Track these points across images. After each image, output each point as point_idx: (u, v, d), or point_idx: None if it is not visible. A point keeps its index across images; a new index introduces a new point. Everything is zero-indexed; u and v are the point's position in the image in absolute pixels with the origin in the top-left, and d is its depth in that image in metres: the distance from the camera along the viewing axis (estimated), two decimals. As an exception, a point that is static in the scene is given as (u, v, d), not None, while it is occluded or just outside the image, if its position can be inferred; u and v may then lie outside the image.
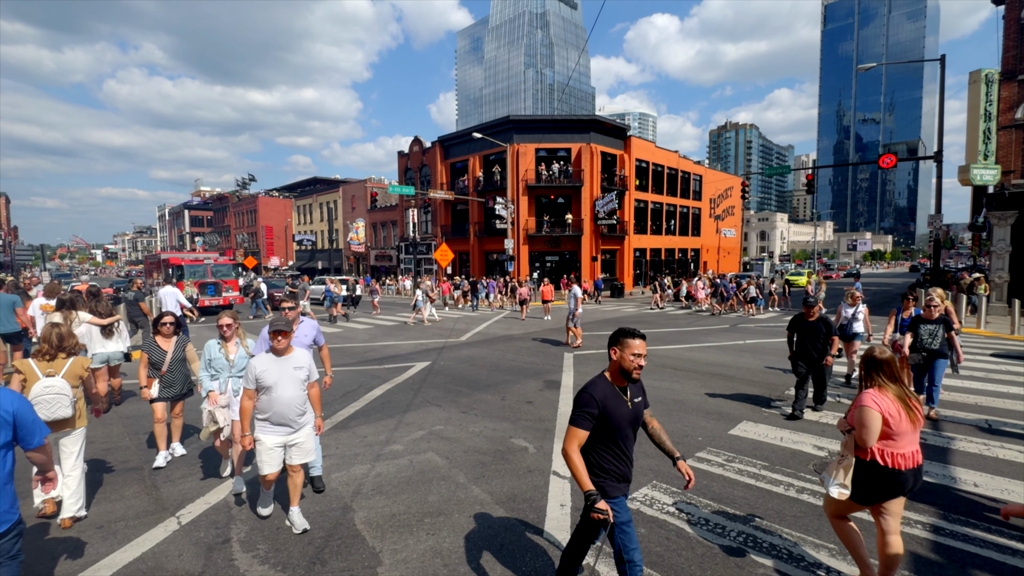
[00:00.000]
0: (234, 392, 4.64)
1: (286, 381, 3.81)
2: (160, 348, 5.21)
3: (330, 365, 5.46)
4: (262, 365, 3.80)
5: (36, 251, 66.78)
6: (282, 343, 3.83)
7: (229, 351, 4.74)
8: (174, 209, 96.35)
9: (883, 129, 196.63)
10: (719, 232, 48.70)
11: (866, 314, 8.69)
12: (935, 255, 19.45)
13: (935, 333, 6.53)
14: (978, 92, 18.19)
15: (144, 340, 4.31)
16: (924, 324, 6.59)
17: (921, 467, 3.05)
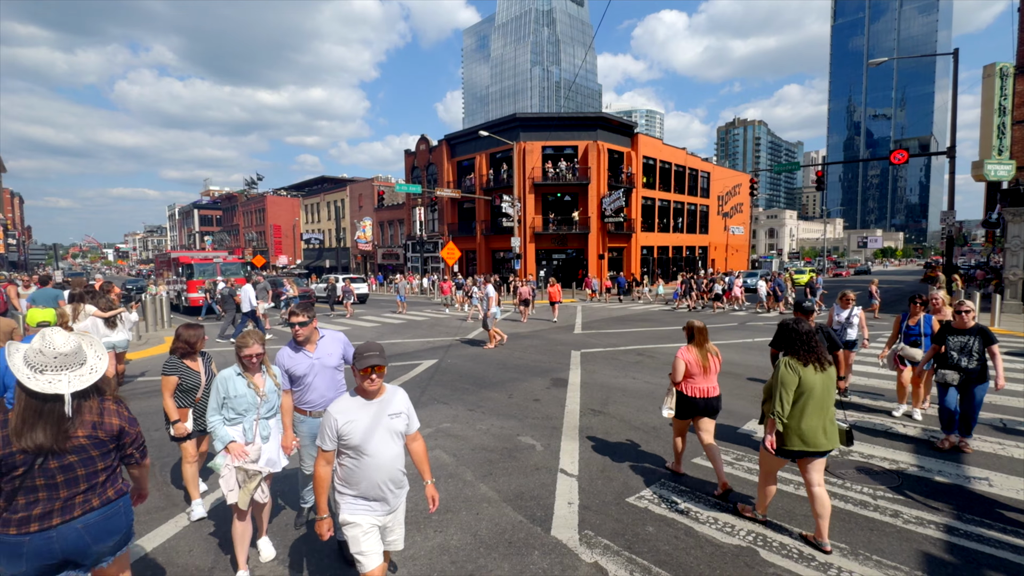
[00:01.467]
0: (264, 438, 3.47)
1: (382, 436, 2.63)
2: (193, 371, 4.20)
3: None
4: (346, 412, 2.60)
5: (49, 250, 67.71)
6: (375, 383, 2.62)
7: (256, 383, 3.49)
8: (184, 208, 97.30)
9: (894, 125, 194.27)
10: (727, 229, 48.36)
11: (862, 318, 7.53)
12: (948, 252, 19.17)
13: (969, 347, 5.16)
14: (992, 86, 17.89)
15: (168, 362, 3.99)
16: (954, 335, 5.30)
17: (713, 399, 4.55)
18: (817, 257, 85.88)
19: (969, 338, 5.21)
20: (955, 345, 5.26)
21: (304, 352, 3.76)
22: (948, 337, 5.35)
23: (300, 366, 3.72)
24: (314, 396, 3.74)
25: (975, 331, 5.21)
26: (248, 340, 3.42)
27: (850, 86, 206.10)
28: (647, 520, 4.05)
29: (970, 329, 5.24)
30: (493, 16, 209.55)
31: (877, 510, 4.16)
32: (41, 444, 2.06)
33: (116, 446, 2.31)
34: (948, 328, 5.41)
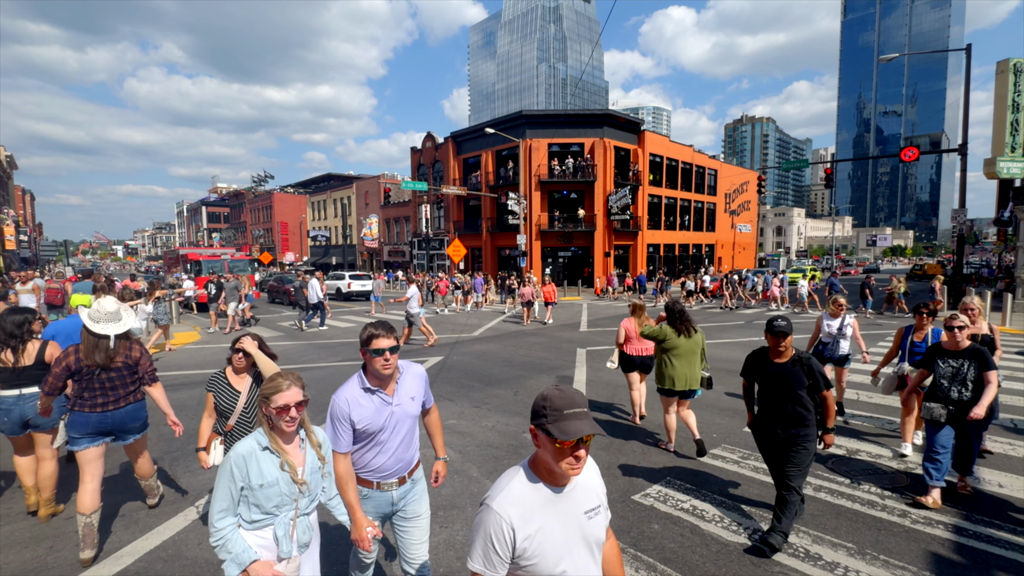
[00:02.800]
0: (303, 547, 2.30)
1: (578, 548, 1.58)
2: (231, 387, 3.41)
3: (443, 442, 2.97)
4: (529, 520, 1.52)
5: (60, 247, 68.44)
6: (577, 466, 1.50)
7: (292, 460, 2.24)
8: (192, 206, 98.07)
9: (905, 121, 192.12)
10: (734, 227, 48.03)
11: (856, 328, 6.33)
12: (958, 251, 18.97)
13: (962, 374, 4.10)
14: (1006, 82, 17.65)
15: (213, 376, 3.42)
16: (945, 358, 4.24)
17: (647, 357, 6.10)
18: (825, 255, 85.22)
19: (963, 362, 4.11)
20: (945, 371, 4.19)
21: (381, 395, 2.51)
22: (938, 361, 4.27)
23: (376, 417, 2.48)
24: (387, 459, 2.54)
25: (970, 353, 4.14)
26: (280, 383, 2.17)
27: (860, 82, 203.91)
28: (653, 518, 4.05)
29: (964, 351, 4.17)
30: (499, 13, 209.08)
31: (885, 510, 4.14)
32: (97, 362, 3.61)
33: (137, 368, 3.83)
34: (938, 349, 4.35)
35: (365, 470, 2.56)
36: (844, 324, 6.23)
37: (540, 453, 1.56)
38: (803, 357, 3.64)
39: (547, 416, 1.49)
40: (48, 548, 3.70)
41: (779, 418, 3.67)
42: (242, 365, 3.43)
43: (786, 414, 3.63)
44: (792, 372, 3.62)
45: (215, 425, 3.43)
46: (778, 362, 3.71)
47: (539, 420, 1.52)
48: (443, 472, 2.82)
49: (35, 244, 54.58)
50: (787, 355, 3.69)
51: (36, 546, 3.73)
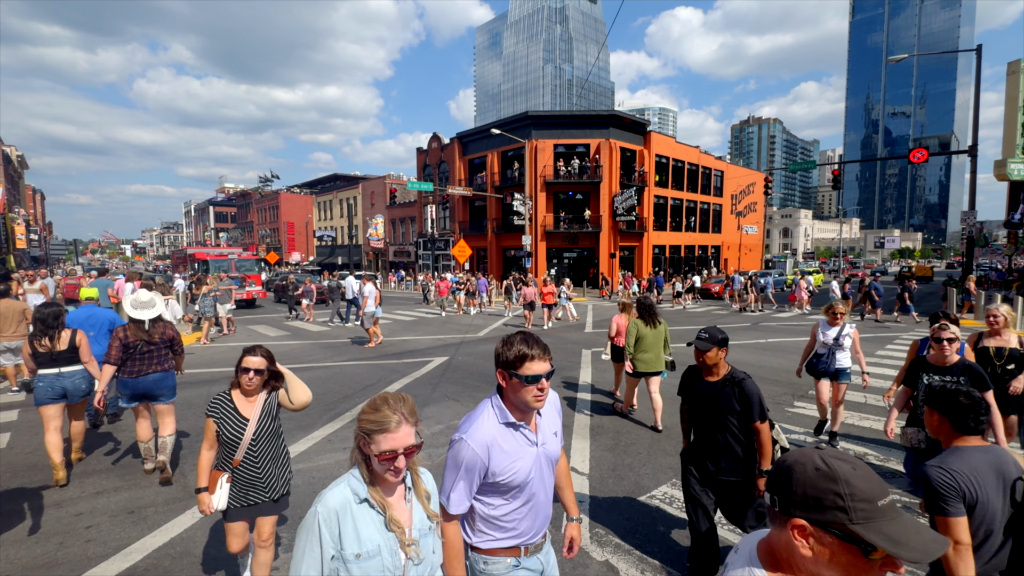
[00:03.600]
0: None
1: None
2: (238, 414, 2.80)
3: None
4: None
5: (69, 246, 69.00)
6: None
7: (397, 517, 1.60)
8: (199, 205, 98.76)
9: (914, 123, 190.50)
10: (740, 229, 47.85)
11: (856, 340, 5.60)
12: (968, 253, 18.79)
13: None
14: (1017, 83, 17.48)
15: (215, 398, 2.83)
16: (930, 374, 3.71)
17: None
18: (832, 257, 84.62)
19: (950, 379, 3.55)
20: None
21: (524, 433, 1.88)
22: (921, 376, 3.76)
23: (521, 463, 1.85)
24: (532, 521, 1.94)
25: (959, 370, 3.53)
26: (387, 419, 1.54)
27: (868, 83, 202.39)
28: (659, 519, 4.04)
29: (953, 367, 3.58)
30: (506, 14, 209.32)
31: (893, 514, 4.10)
32: (141, 338, 4.74)
33: (171, 343, 4.97)
34: (922, 363, 3.80)
35: (506, 534, 1.88)
36: (842, 334, 5.54)
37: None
38: (736, 377, 3.03)
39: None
40: (58, 544, 3.74)
41: (708, 448, 3.10)
42: (253, 387, 2.81)
43: (716, 444, 3.06)
44: (722, 394, 3.02)
45: (217, 459, 2.84)
46: (709, 380, 3.12)
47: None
48: (578, 538, 2.18)
49: (45, 243, 55.15)
50: (719, 372, 3.10)
51: (46, 542, 3.77)
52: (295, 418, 6.67)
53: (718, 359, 3.09)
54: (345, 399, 7.56)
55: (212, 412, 2.79)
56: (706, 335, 3.08)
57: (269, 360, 2.85)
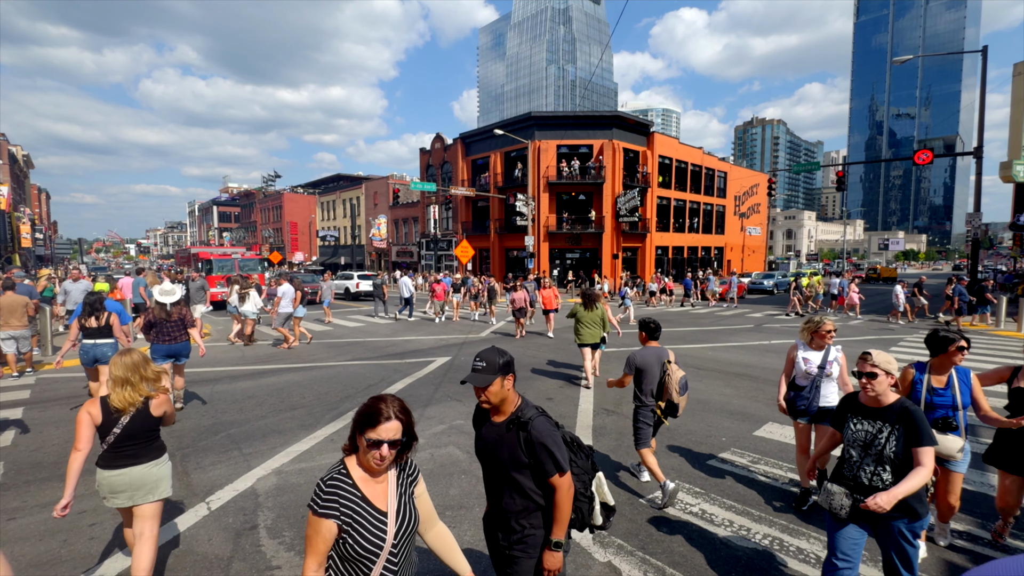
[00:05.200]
0: None
1: None
2: (370, 508, 1.78)
3: None
4: None
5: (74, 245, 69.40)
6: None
7: None
8: (203, 205, 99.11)
9: (918, 124, 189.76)
10: (744, 230, 47.73)
11: (843, 367, 4.30)
12: (973, 255, 18.70)
13: (877, 445, 2.63)
14: (1023, 84, 17.38)
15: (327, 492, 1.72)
16: (858, 417, 2.77)
17: None
18: (836, 259, 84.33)
19: (881, 427, 2.63)
20: (856, 436, 2.73)
21: None
22: (849, 420, 2.81)
23: None
24: None
25: (894, 415, 2.62)
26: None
27: (873, 85, 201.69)
28: (661, 521, 4.03)
29: (887, 409, 2.66)
30: (509, 14, 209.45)
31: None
32: (163, 317, 6.69)
33: (185, 320, 6.86)
34: (851, 402, 2.86)
35: None
36: (829, 359, 4.24)
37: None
38: (522, 418, 2.18)
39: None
40: (62, 542, 3.75)
41: (496, 514, 2.32)
42: (383, 464, 1.75)
43: (498, 506, 2.28)
44: (505, 442, 2.20)
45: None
46: (495, 422, 2.27)
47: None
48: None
49: (50, 242, 55.41)
50: (505, 411, 2.25)
51: (51, 539, 3.78)
52: (297, 417, 6.69)
53: (504, 393, 2.21)
54: (348, 399, 7.57)
55: (330, 508, 1.69)
56: (482, 363, 2.19)
57: (407, 420, 1.80)
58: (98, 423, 2.90)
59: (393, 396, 1.84)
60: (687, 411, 6.95)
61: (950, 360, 3.47)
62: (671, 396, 4.32)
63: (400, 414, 1.78)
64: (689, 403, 7.32)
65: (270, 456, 5.36)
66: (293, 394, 7.87)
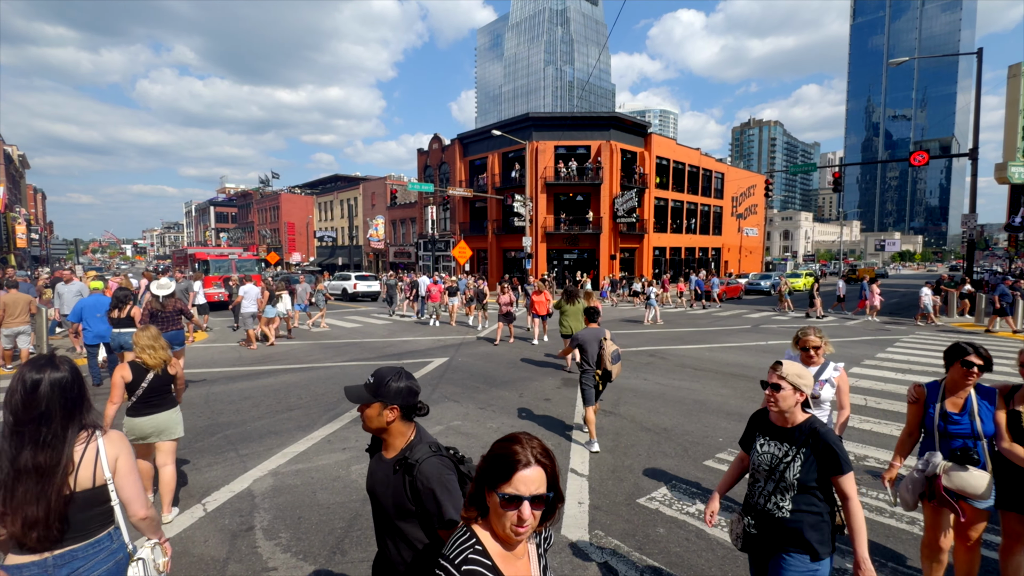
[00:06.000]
0: None
1: None
2: None
3: None
4: None
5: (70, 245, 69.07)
6: None
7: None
8: (200, 206, 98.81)
9: (914, 126, 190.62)
10: (741, 231, 47.85)
11: (844, 389, 3.57)
12: (968, 256, 18.79)
13: (780, 469, 2.27)
14: (1018, 86, 17.50)
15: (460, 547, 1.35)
16: (766, 437, 2.40)
17: None
18: (833, 260, 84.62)
19: (787, 449, 2.28)
20: (761, 459, 2.37)
21: None
22: (756, 440, 2.43)
23: None
24: None
25: (803, 436, 2.26)
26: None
27: (869, 86, 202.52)
28: (658, 521, 4.03)
29: (795, 430, 2.30)
30: (507, 15, 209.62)
31: (893, 516, 4.10)
32: (157, 308, 7.73)
33: (181, 312, 8.05)
34: (760, 421, 2.48)
35: None
36: (820, 379, 3.56)
37: None
38: (409, 459, 1.79)
39: None
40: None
41: (380, 558, 1.95)
42: (524, 531, 1.32)
43: (385, 555, 1.90)
44: (390, 484, 1.83)
45: None
46: (385, 458, 1.91)
47: None
48: None
49: (46, 243, 55.16)
50: (393, 446, 1.88)
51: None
52: (294, 418, 6.67)
53: (383, 422, 1.83)
54: (345, 399, 7.56)
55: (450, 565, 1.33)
56: (372, 377, 1.87)
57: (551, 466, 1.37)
58: (128, 380, 3.85)
59: (529, 434, 1.39)
60: (684, 413, 6.97)
61: (960, 377, 2.90)
62: (605, 365, 5.55)
63: (542, 457, 1.33)
64: (686, 404, 7.34)
65: (267, 457, 5.35)
66: (290, 395, 7.85)
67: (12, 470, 1.74)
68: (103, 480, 1.89)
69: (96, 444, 1.90)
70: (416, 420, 1.91)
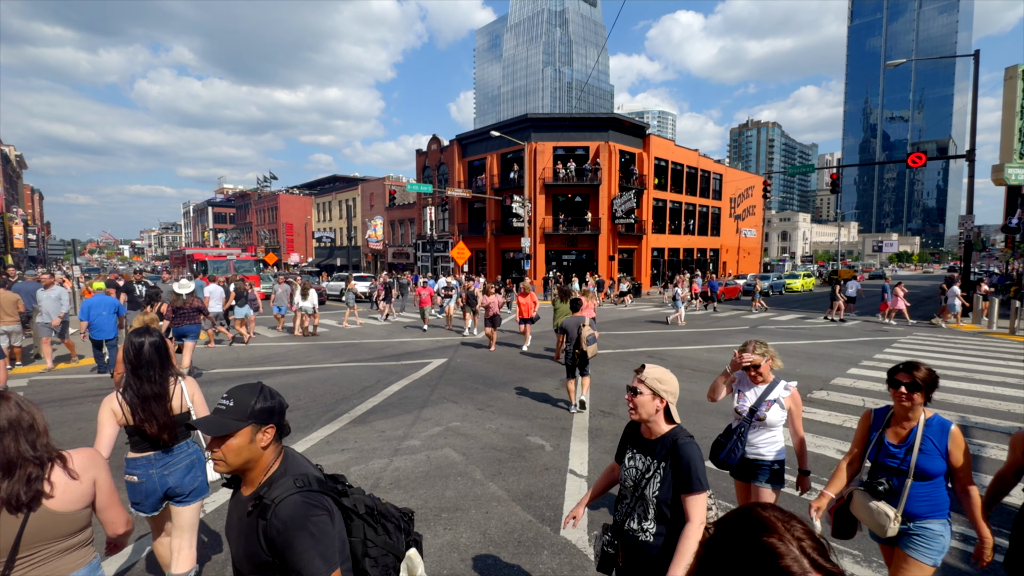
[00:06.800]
0: None
1: None
2: None
3: None
4: None
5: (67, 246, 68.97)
6: None
7: None
8: (198, 206, 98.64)
9: (911, 127, 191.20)
10: (739, 232, 47.94)
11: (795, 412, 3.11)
12: (965, 257, 18.86)
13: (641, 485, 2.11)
14: (1015, 88, 17.57)
15: None
16: (633, 451, 2.24)
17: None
18: (831, 261, 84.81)
19: (650, 464, 2.11)
20: (627, 474, 2.21)
21: None
22: (626, 453, 2.28)
23: None
24: None
25: (664, 448, 2.10)
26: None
27: (867, 88, 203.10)
28: (657, 522, 4.04)
29: (658, 441, 2.14)
30: (506, 16, 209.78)
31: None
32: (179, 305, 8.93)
33: (200, 309, 9.15)
34: (631, 433, 2.31)
35: None
36: (767, 399, 3.08)
37: None
38: (266, 498, 1.46)
39: None
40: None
41: None
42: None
43: None
44: (243, 528, 1.51)
45: None
46: (243, 494, 1.58)
47: None
48: None
49: (43, 243, 55.00)
50: (251, 480, 1.55)
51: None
52: (293, 419, 6.66)
53: (255, 450, 1.51)
54: (343, 400, 7.55)
55: None
56: (229, 401, 1.51)
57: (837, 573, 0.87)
58: None
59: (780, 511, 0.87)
60: (683, 412, 6.97)
61: (897, 404, 2.52)
62: (582, 345, 6.83)
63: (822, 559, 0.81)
64: (683, 404, 7.35)
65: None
66: (288, 396, 7.84)
67: (139, 396, 2.72)
68: (187, 407, 2.88)
69: (180, 384, 2.90)
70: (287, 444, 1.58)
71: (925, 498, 2.47)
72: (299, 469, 1.57)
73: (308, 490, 1.49)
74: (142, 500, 2.80)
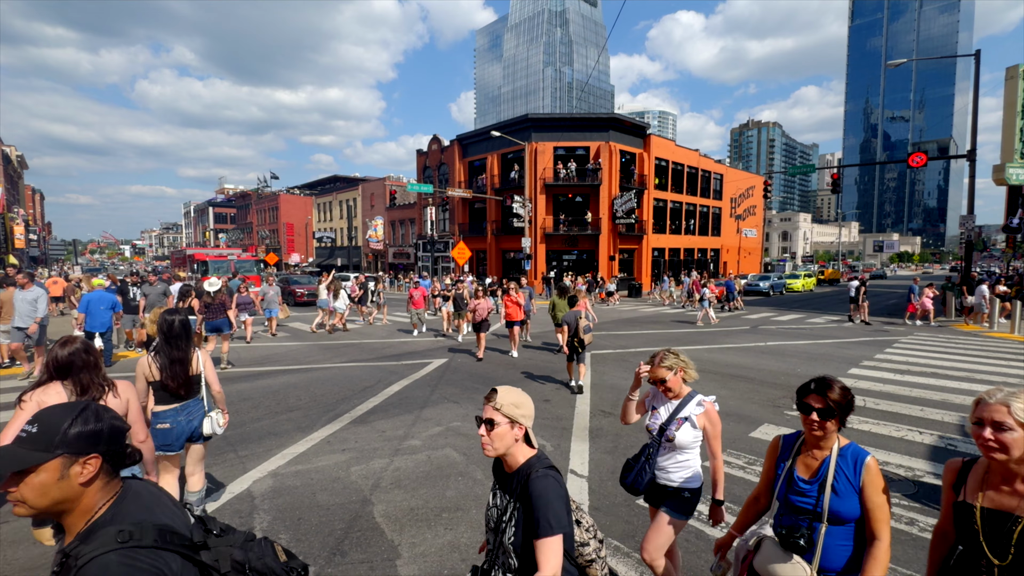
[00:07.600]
0: None
1: None
2: None
3: None
4: None
5: (68, 246, 68.83)
6: None
7: None
8: (199, 206, 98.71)
9: (912, 127, 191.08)
10: (740, 232, 47.92)
11: (712, 429, 2.82)
12: (967, 257, 18.84)
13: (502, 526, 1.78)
14: (1015, 88, 17.56)
15: None
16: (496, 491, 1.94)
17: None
18: (832, 261, 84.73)
19: (508, 503, 1.78)
20: (489, 515, 1.91)
21: None
22: (492, 492, 1.95)
23: None
24: None
25: (519, 487, 1.74)
26: None
27: (867, 88, 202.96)
28: (657, 523, 4.03)
29: (513, 476, 1.81)
30: (506, 16, 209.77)
31: (892, 517, 4.10)
32: (209, 302, 9.87)
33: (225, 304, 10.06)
34: (497, 468, 1.95)
35: None
36: (678, 417, 2.78)
37: None
38: (73, 555, 1.12)
39: None
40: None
41: None
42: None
43: None
44: None
45: None
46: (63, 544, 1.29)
47: None
48: None
49: (44, 243, 55.07)
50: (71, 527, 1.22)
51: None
52: (293, 419, 6.67)
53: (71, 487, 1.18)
54: (344, 400, 7.56)
55: None
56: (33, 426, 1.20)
57: None
58: None
59: None
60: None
61: (808, 431, 2.11)
62: (579, 334, 7.87)
63: None
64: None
65: (266, 458, 5.34)
66: (289, 396, 7.84)
67: (169, 360, 3.63)
68: (199, 371, 3.82)
69: (198, 353, 3.84)
70: (132, 482, 1.27)
71: (844, 550, 1.98)
72: (136, 515, 1.20)
73: (134, 546, 1.12)
74: (172, 442, 3.65)
